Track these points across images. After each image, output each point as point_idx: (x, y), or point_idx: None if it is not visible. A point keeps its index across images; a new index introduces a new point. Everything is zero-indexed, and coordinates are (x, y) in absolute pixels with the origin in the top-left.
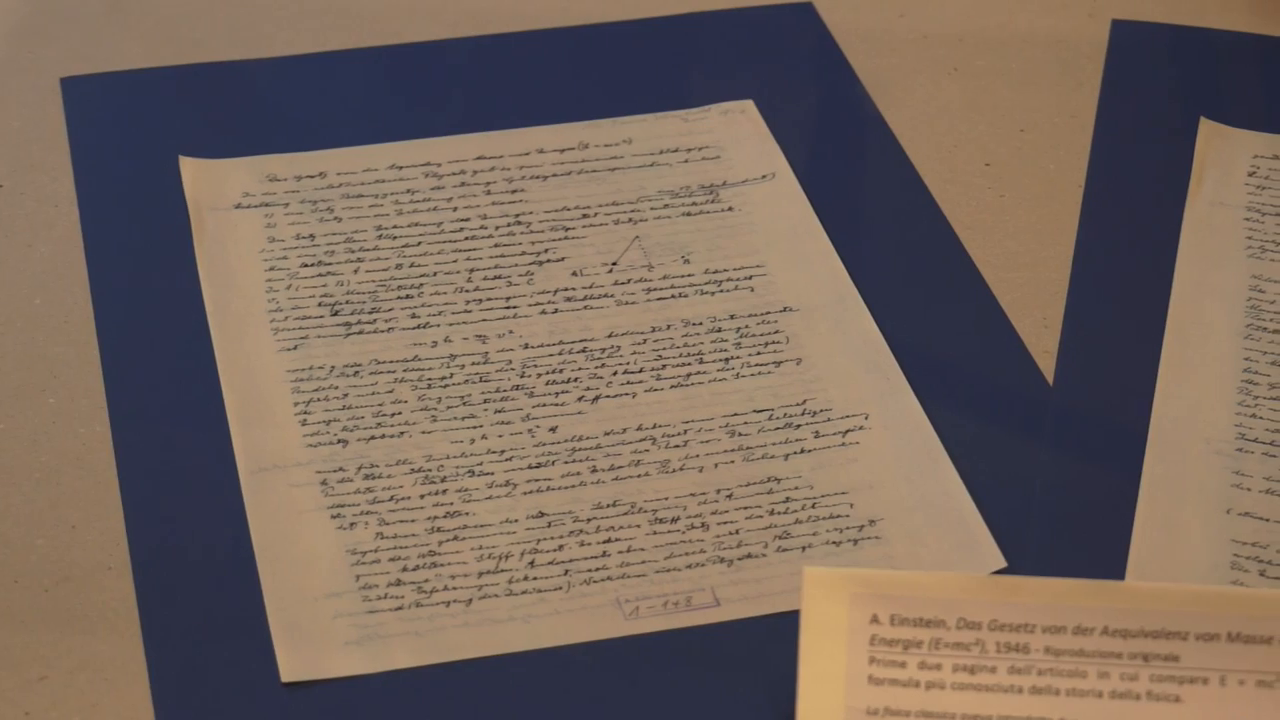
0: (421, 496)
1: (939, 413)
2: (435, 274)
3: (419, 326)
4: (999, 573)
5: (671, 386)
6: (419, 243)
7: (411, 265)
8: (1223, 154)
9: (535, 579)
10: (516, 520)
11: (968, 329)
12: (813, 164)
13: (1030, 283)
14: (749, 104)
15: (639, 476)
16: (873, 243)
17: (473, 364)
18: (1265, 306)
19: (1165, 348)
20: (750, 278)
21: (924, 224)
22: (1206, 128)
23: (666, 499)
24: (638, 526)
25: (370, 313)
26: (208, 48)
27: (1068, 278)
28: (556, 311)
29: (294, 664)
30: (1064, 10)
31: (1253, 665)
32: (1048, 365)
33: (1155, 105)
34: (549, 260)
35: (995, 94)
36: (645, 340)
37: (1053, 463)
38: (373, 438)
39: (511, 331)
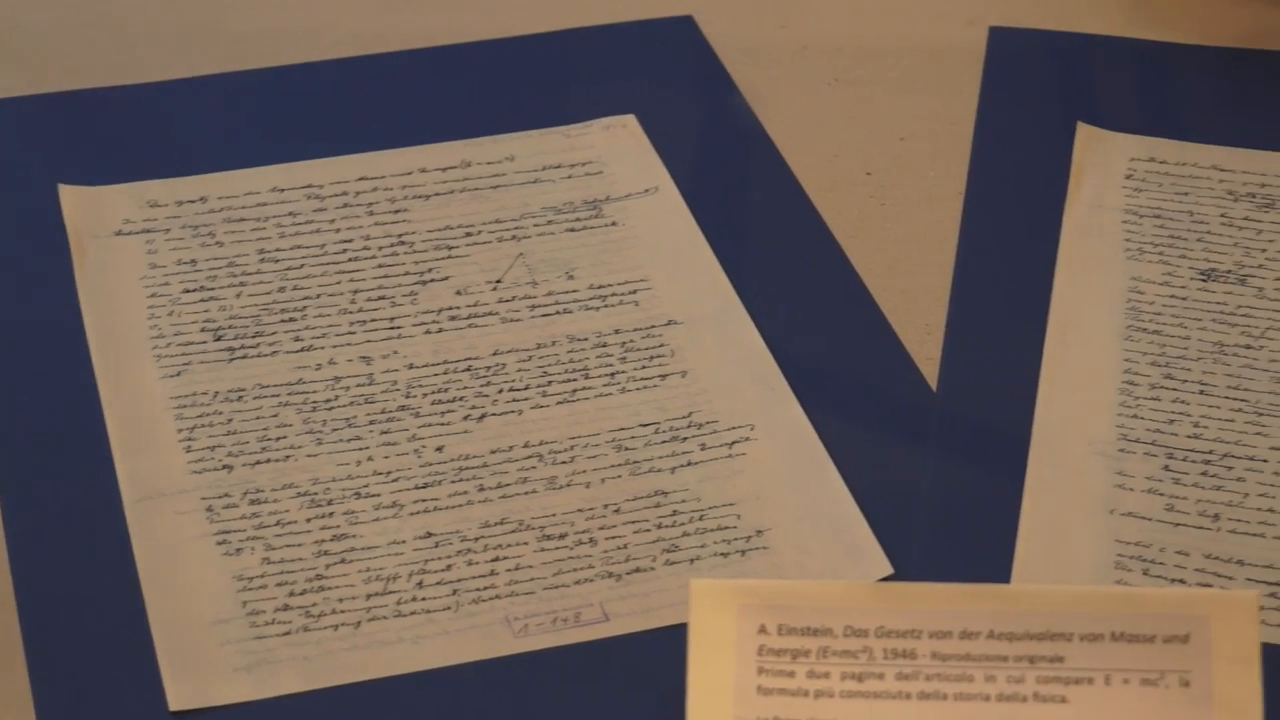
0: (308, 520)
1: (824, 422)
2: (319, 296)
3: (303, 349)
4: (886, 579)
5: (558, 403)
6: (302, 265)
7: (295, 288)
8: (1100, 158)
9: (423, 600)
10: (404, 541)
11: (851, 337)
12: (695, 177)
13: (912, 289)
14: (631, 118)
15: (526, 494)
16: (756, 254)
17: (357, 385)
18: (1144, 307)
19: (1047, 351)
20: (635, 292)
21: (806, 234)
22: (1084, 132)
23: (554, 515)
24: (525, 544)
25: (253, 337)
26: (85, 75)
27: (949, 284)
28: (441, 331)
29: (182, 692)
30: (942, 18)
31: (1137, 664)
32: (931, 371)
33: (1033, 111)
34: (433, 280)
35: (875, 103)
36: (530, 357)
37: (937, 468)
38: (258, 462)
39: (396, 352)
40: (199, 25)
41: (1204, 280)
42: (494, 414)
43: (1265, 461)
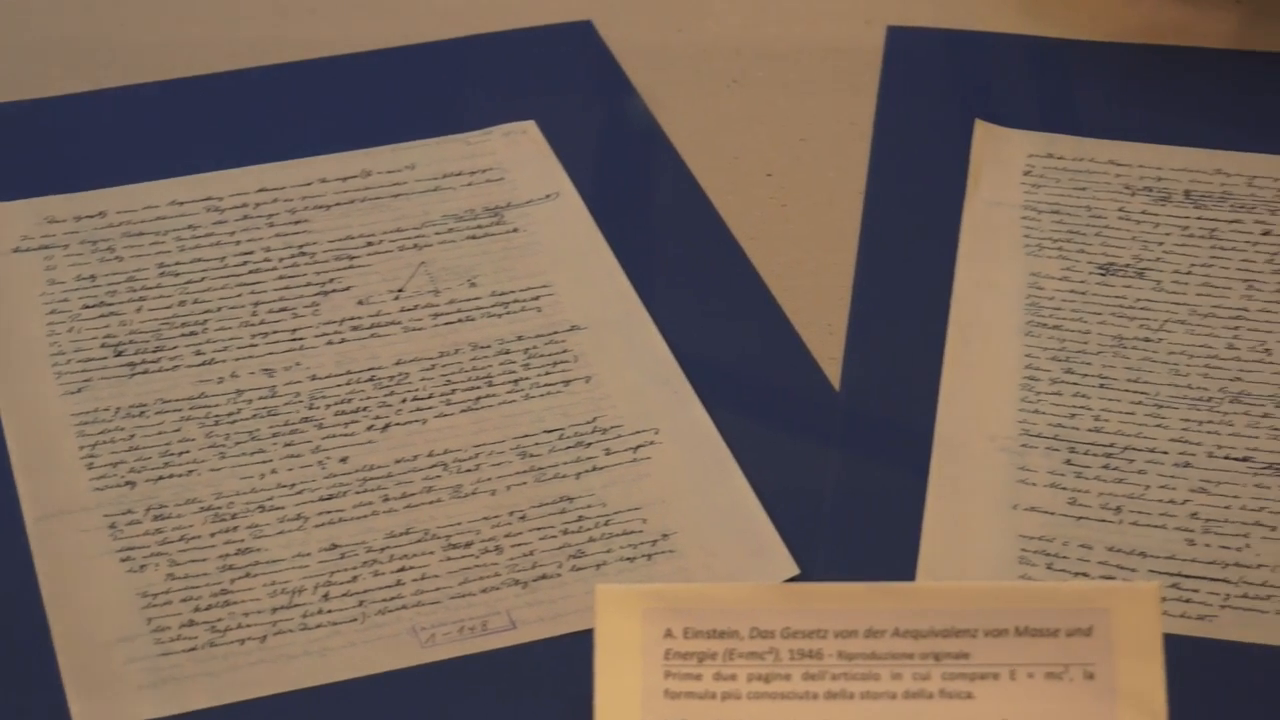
0: (212, 535)
1: (728, 424)
2: (220, 309)
3: (205, 363)
4: (792, 580)
5: (461, 411)
6: (202, 278)
7: (195, 301)
8: (998, 154)
9: (330, 612)
10: (309, 554)
11: (754, 339)
12: (596, 181)
13: (814, 290)
14: (531, 124)
15: (431, 503)
16: (657, 257)
17: (260, 398)
18: (1044, 303)
19: (948, 347)
20: (537, 298)
21: (707, 236)
22: (982, 129)
23: (459, 524)
24: (431, 553)
25: (154, 352)
26: None
27: (851, 283)
28: (343, 341)
29: (88, 712)
30: (840, 19)
31: (1041, 658)
32: (834, 371)
33: (932, 109)
34: (334, 290)
35: (775, 104)
36: (434, 366)
37: (841, 468)
38: (161, 478)
39: (299, 364)
40: (94, 39)
41: (1103, 274)
42: (398, 423)
43: (1165, 453)
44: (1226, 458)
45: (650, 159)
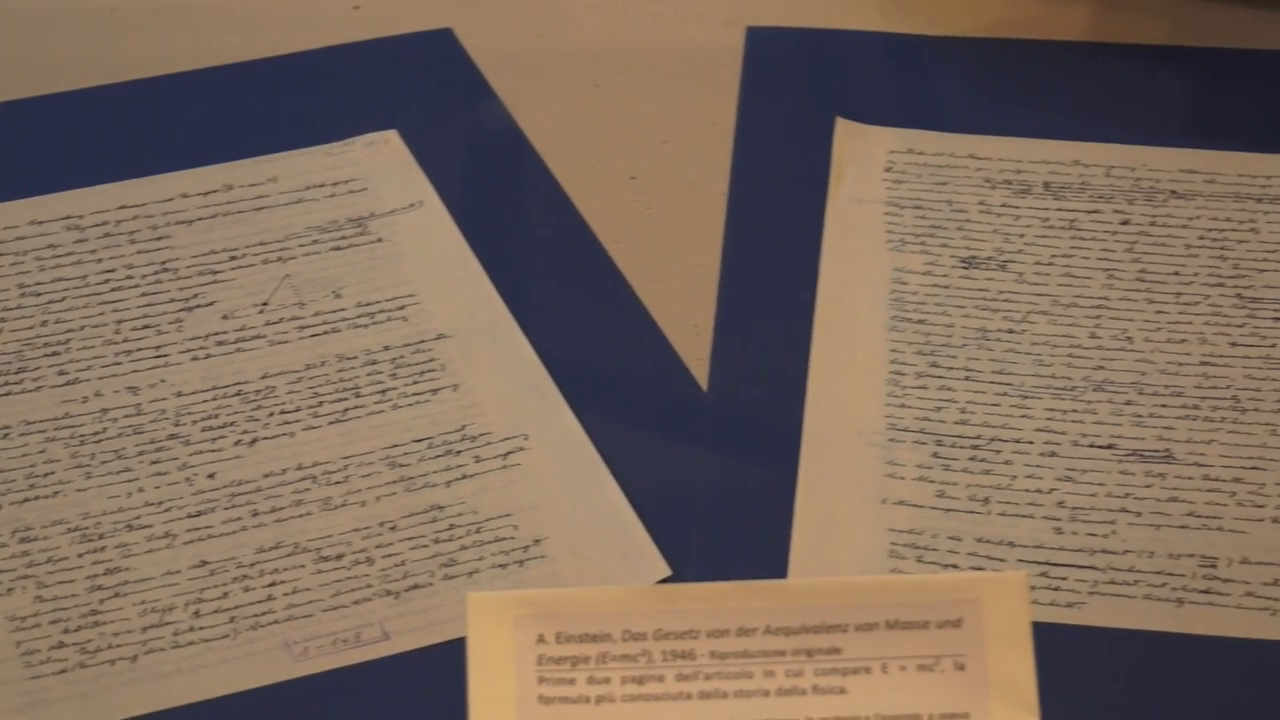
0: (80, 555)
1: (598, 428)
2: (82, 328)
3: (68, 383)
4: (665, 581)
5: (329, 423)
6: (64, 298)
7: (57, 321)
8: (860, 151)
9: (201, 629)
10: (179, 571)
11: (621, 342)
12: (460, 189)
13: (680, 292)
14: (393, 134)
15: (301, 516)
16: (523, 263)
17: (125, 416)
18: (908, 298)
19: (815, 345)
20: (403, 307)
21: (572, 241)
22: (843, 127)
23: (330, 536)
24: (302, 567)
25: (16, 373)
26: None
27: (716, 284)
28: (209, 357)
29: None
30: (699, 20)
31: (912, 650)
32: (702, 371)
33: (793, 108)
34: (198, 305)
35: (637, 107)
36: (300, 379)
37: (712, 468)
38: (26, 500)
39: (164, 380)
40: None
41: (965, 268)
42: (265, 437)
43: (1031, 444)
44: (1091, 446)
45: (514, 165)
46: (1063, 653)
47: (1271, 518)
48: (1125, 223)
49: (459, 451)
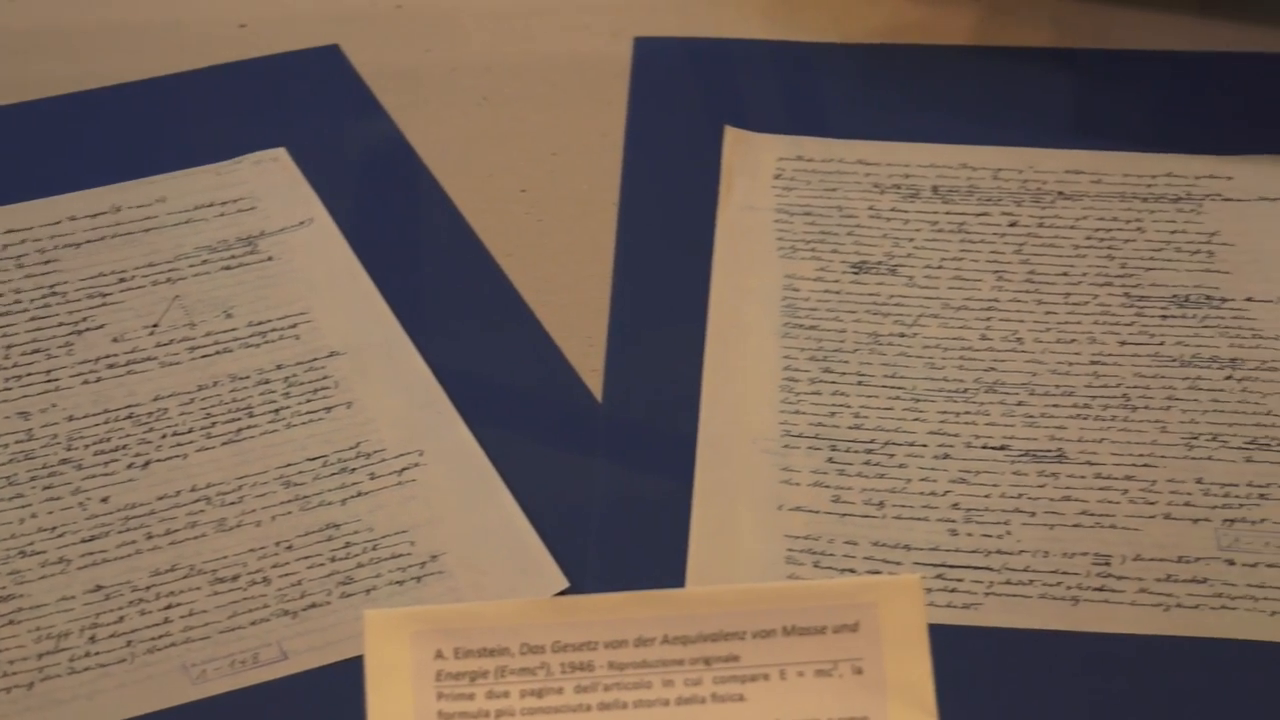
0: None
1: (493, 442)
2: None
3: None
4: (563, 593)
5: (223, 443)
6: None
7: None
8: (749, 159)
9: (97, 654)
10: (74, 596)
11: (515, 355)
12: (350, 206)
13: (572, 304)
14: (281, 151)
15: (196, 538)
16: (415, 278)
17: (16, 442)
18: (800, 304)
19: (708, 353)
20: (295, 326)
21: (464, 255)
22: (731, 135)
23: (225, 558)
24: (198, 589)
25: None
26: None
27: (609, 295)
28: (99, 380)
29: None
30: (586, 31)
31: (810, 656)
32: (596, 383)
33: (681, 117)
34: (88, 329)
35: (526, 120)
36: (193, 400)
37: (607, 478)
38: None
39: (55, 405)
40: None
41: (856, 273)
42: (159, 460)
43: (925, 446)
44: (984, 447)
45: (404, 180)
46: (960, 654)
47: (1163, 514)
48: (1013, 224)
49: (354, 469)
